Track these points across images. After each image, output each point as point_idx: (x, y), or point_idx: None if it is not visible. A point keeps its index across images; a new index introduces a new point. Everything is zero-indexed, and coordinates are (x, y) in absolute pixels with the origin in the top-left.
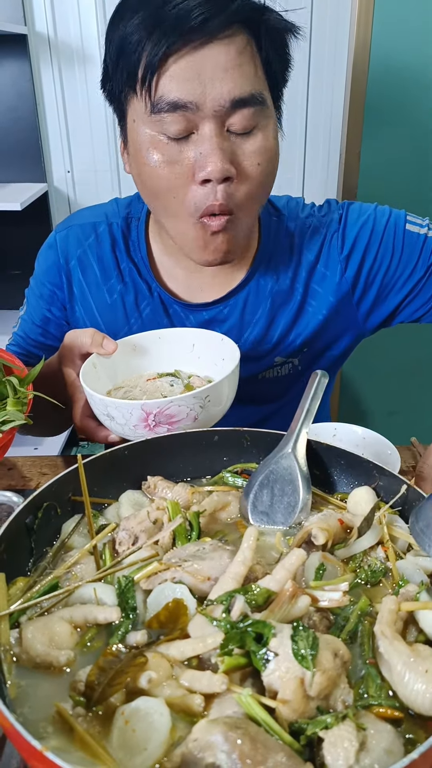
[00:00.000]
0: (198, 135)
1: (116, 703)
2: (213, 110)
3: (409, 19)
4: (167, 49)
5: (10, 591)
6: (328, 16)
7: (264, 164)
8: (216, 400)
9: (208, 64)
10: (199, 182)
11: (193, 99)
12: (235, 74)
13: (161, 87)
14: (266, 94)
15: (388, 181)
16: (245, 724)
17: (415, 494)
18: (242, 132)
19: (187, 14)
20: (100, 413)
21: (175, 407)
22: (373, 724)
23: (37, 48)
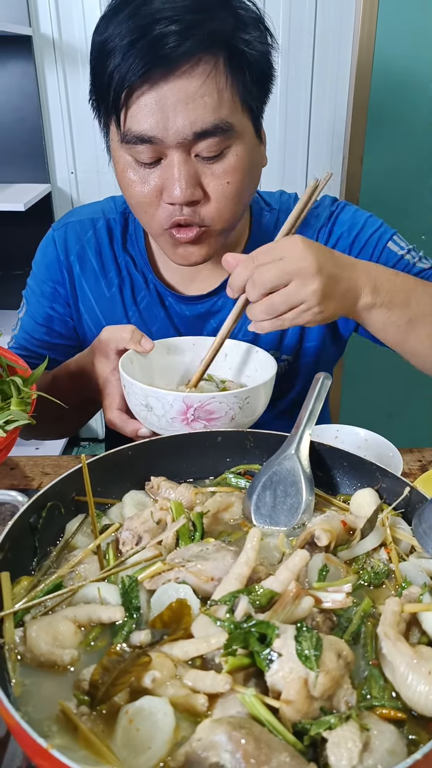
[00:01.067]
0: (166, 161)
1: (120, 702)
2: (176, 142)
3: (412, 26)
4: (135, 82)
5: (15, 590)
6: (331, 22)
7: (234, 182)
8: (253, 404)
9: (170, 97)
10: (166, 203)
11: (156, 134)
12: (197, 106)
13: (128, 121)
14: (235, 117)
15: (391, 185)
16: (249, 724)
17: (418, 496)
18: (210, 156)
19: (158, 43)
20: (137, 403)
21: (216, 404)
22: (376, 725)
23: (42, 49)
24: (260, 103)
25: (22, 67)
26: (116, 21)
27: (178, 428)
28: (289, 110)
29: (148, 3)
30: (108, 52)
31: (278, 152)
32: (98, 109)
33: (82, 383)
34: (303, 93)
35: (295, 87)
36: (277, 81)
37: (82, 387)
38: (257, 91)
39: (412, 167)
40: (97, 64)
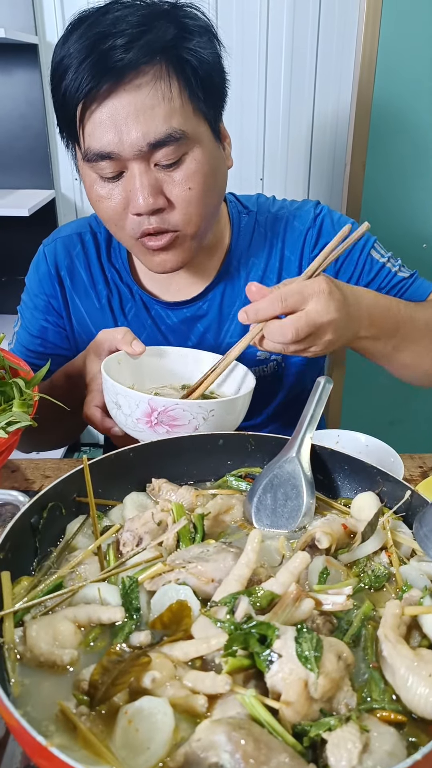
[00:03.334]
0: (128, 174)
1: (119, 702)
2: (133, 154)
3: (415, 33)
4: (85, 98)
5: (15, 590)
6: (335, 27)
7: (197, 186)
8: (219, 418)
9: (120, 111)
10: (132, 214)
11: (113, 149)
12: (147, 118)
13: (87, 138)
14: (187, 124)
15: (393, 191)
16: (249, 725)
17: (419, 500)
18: (169, 164)
19: (104, 57)
20: (109, 400)
21: (180, 411)
22: (376, 727)
23: (48, 58)
24: (215, 107)
25: (28, 75)
26: (69, 42)
27: (143, 430)
28: (291, 117)
29: (97, 22)
30: (62, 71)
31: (281, 160)
32: (61, 131)
33: (77, 385)
34: (306, 100)
35: (297, 93)
36: (279, 87)
37: (79, 389)
38: (207, 96)
39: (415, 175)
40: (54, 84)
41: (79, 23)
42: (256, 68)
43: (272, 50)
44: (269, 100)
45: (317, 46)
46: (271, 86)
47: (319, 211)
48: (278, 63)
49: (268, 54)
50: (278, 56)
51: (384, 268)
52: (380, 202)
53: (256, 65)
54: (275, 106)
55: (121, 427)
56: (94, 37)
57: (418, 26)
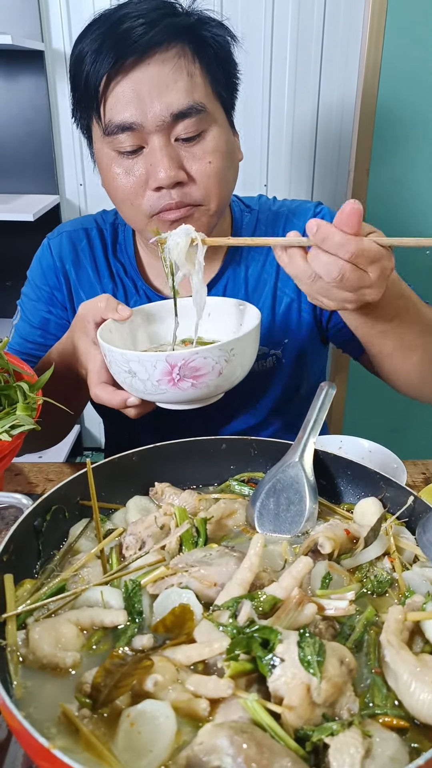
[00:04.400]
0: (148, 148)
1: (122, 705)
2: (156, 126)
3: (420, 37)
4: (109, 71)
5: (18, 592)
6: (339, 33)
7: (216, 161)
8: (240, 356)
9: (145, 84)
10: (153, 189)
11: (136, 119)
12: (171, 90)
13: (108, 111)
14: (208, 101)
15: (397, 198)
16: (251, 729)
17: (422, 506)
18: (189, 138)
19: (126, 35)
20: (120, 371)
21: (201, 359)
22: (379, 733)
23: (54, 64)
24: (229, 93)
25: (34, 81)
26: (88, 37)
27: (165, 390)
28: (295, 123)
29: (114, 13)
30: (82, 58)
31: (285, 165)
32: (80, 117)
33: (67, 366)
34: (309, 106)
35: (301, 99)
36: (283, 92)
37: (68, 370)
38: (224, 79)
39: (418, 180)
40: (74, 73)
41: (96, 20)
42: (260, 72)
43: (276, 54)
44: (273, 105)
45: (321, 51)
46: (275, 91)
47: (318, 210)
48: (282, 67)
49: (272, 58)
50: (282, 61)
51: None
52: (384, 209)
53: (260, 69)
54: (279, 111)
55: (139, 395)
56: (114, 23)
57: (422, 32)
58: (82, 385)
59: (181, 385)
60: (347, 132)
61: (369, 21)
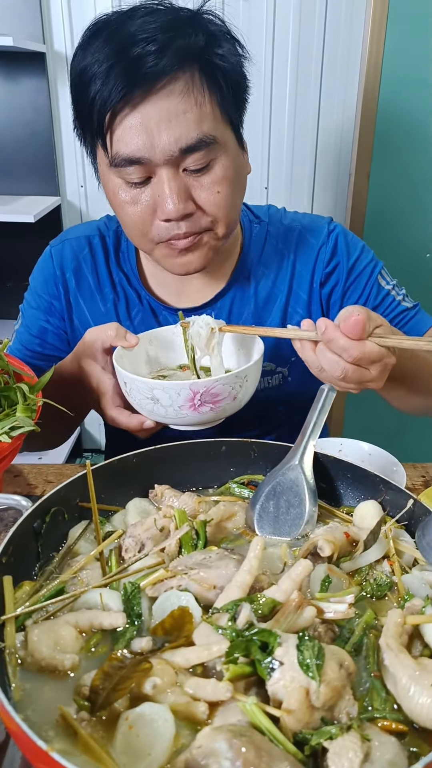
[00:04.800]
0: (156, 179)
1: (120, 708)
2: (164, 160)
3: (420, 45)
4: (116, 104)
5: (17, 594)
6: (340, 38)
7: (225, 190)
8: (251, 381)
9: (153, 116)
10: (161, 220)
11: (144, 154)
12: (180, 123)
13: (115, 143)
14: (217, 129)
15: (397, 201)
16: (250, 733)
17: (422, 509)
18: (198, 169)
19: (137, 64)
20: (142, 397)
21: (220, 386)
22: (378, 737)
23: (55, 66)
24: (239, 113)
25: (35, 82)
26: (92, 49)
27: (186, 415)
28: (296, 126)
29: (121, 28)
30: (88, 78)
31: (285, 169)
32: (83, 136)
33: (67, 390)
34: (311, 109)
35: (302, 103)
36: (284, 95)
37: (68, 394)
38: (234, 101)
39: (419, 185)
40: (79, 92)
41: (101, 28)
42: (261, 75)
43: (277, 58)
44: (274, 108)
45: (322, 56)
46: (276, 95)
47: (332, 228)
48: (283, 71)
49: (274, 62)
50: (283, 64)
51: (389, 296)
52: (384, 212)
53: (262, 72)
54: (280, 115)
55: (159, 419)
56: (122, 43)
57: (423, 38)
58: (87, 401)
59: (201, 410)
60: (348, 136)
61: (370, 26)
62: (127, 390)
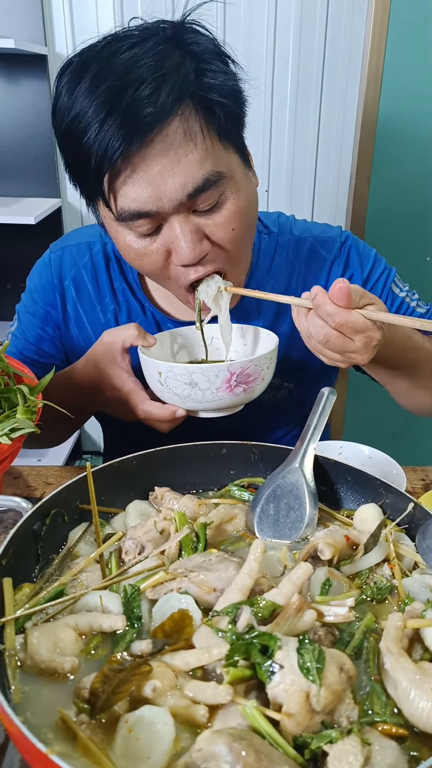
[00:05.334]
0: (167, 225)
1: (120, 711)
2: (173, 207)
3: (420, 50)
4: (115, 162)
5: (16, 596)
6: (341, 42)
7: (239, 226)
8: (274, 364)
9: (154, 165)
10: (178, 265)
11: (152, 207)
12: (183, 168)
13: (119, 201)
14: (221, 163)
15: (397, 207)
16: (250, 736)
17: (422, 512)
18: (209, 208)
19: (132, 113)
20: (179, 383)
21: (253, 366)
22: (378, 741)
23: (56, 68)
24: (239, 131)
25: (36, 85)
26: (78, 93)
27: (222, 396)
28: (297, 130)
29: (107, 70)
30: (80, 131)
31: (286, 172)
32: (80, 190)
33: (76, 392)
34: (312, 113)
35: (303, 106)
36: (285, 100)
37: (76, 396)
38: (233, 125)
39: (419, 188)
40: (70, 143)
41: (81, 68)
42: (262, 81)
43: (279, 64)
44: (275, 113)
45: (323, 61)
46: (276, 98)
47: (344, 239)
48: (285, 77)
49: (275, 68)
50: (285, 70)
51: (404, 303)
52: (384, 216)
53: (263, 79)
54: (281, 119)
55: (193, 405)
56: (111, 90)
57: (423, 43)
58: (96, 403)
59: (236, 391)
60: (348, 140)
61: (371, 31)
62: (162, 380)
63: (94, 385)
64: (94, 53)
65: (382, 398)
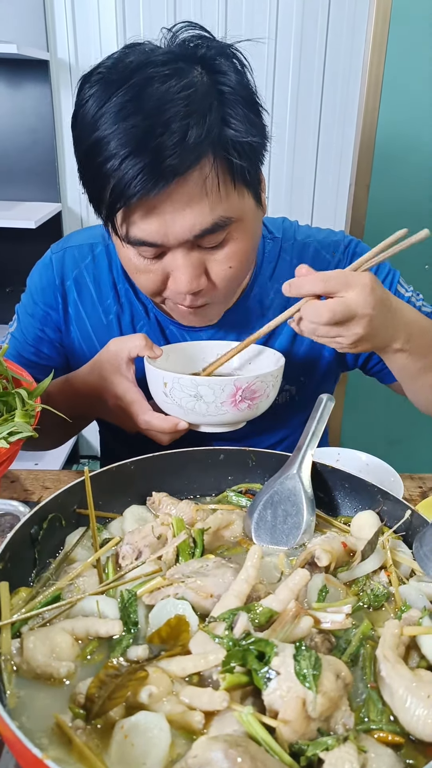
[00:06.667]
0: (171, 255)
1: (116, 717)
2: (178, 243)
3: (420, 59)
4: (132, 199)
5: (13, 601)
6: (342, 50)
7: (237, 264)
8: (278, 382)
9: (167, 206)
10: (172, 290)
11: (157, 240)
12: (194, 211)
13: (129, 227)
14: (232, 209)
15: (396, 215)
16: (245, 743)
17: (419, 520)
18: (213, 246)
19: (157, 157)
20: (184, 395)
21: (259, 383)
22: (374, 748)
23: (58, 73)
24: (256, 172)
25: (38, 89)
26: (106, 117)
27: (226, 411)
28: (297, 138)
29: (135, 99)
30: (103, 158)
31: (286, 179)
32: (88, 197)
33: (77, 399)
34: (312, 119)
35: (303, 112)
36: (285, 107)
37: (77, 402)
38: (251, 167)
39: (418, 196)
40: (88, 161)
41: (110, 87)
42: (262, 84)
43: (279, 66)
44: (275, 119)
45: (324, 67)
46: (277, 104)
47: (348, 242)
48: (285, 81)
49: (276, 70)
50: (285, 73)
51: (410, 302)
52: (383, 224)
53: (263, 81)
54: (281, 125)
55: (197, 418)
56: (138, 130)
57: (423, 51)
58: (97, 410)
59: (240, 406)
60: (348, 147)
61: (371, 39)
62: (166, 390)
63: (97, 392)
64: (127, 72)
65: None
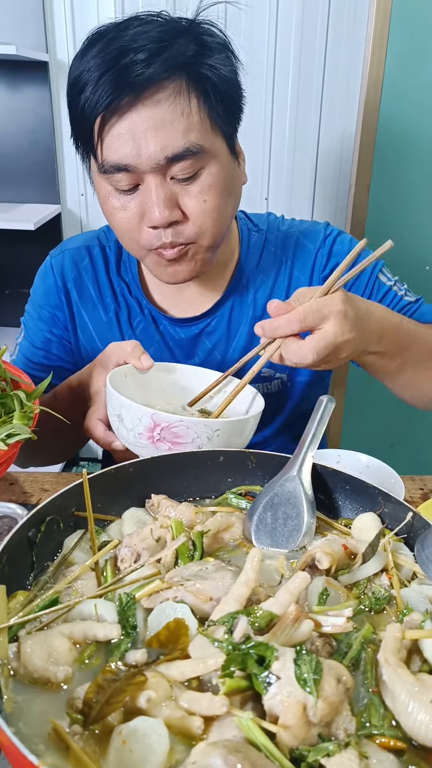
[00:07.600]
0: (144, 186)
1: (114, 722)
2: (150, 167)
3: (421, 57)
4: (105, 111)
5: (10, 604)
6: (342, 50)
7: (212, 199)
8: (224, 439)
9: (140, 124)
10: (148, 227)
11: (131, 161)
12: (167, 132)
13: (104, 151)
14: (205, 139)
15: (397, 214)
16: (245, 748)
17: (421, 522)
18: (185, 178)
19: (124, 72)
20: (112, 413)
21: (184, 428)
22: (376, 754)
23: (58, 75)
24: (231, 123)
25: (38, 91)
26: (87, 58)
27: (145, 445)
28: (297, 137)
29: (115, 39)
30: (80, 86)
31: (286, 180)
32: (77, 143)
33: (81, 398)
34: (312, 120)
35: (303, 114)
36: (286, 106)
37: (83, 402)
38: (225, 112)
39: (419, 198)
40: (72, 98)
41: (98, 38)
42: (262, 86)
43: (278, 69)
44: (275, 120)
45: (324, 67)
46: (276, 106)
47: (329, 232)
48: (284, 82)
49: (275, 72)
50: (284, 75)
51: (390, 291)
52: (384, 225)
53: (263, 85)
54: (281, 126)
55: (123, 441)
56: (113, 52)
57: (424, 50)
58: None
59: (159, 446)
60: (348, 147)
61: (371, 38)
62: (107, 402)
63: (87, 391)
64: (111, 27)
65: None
